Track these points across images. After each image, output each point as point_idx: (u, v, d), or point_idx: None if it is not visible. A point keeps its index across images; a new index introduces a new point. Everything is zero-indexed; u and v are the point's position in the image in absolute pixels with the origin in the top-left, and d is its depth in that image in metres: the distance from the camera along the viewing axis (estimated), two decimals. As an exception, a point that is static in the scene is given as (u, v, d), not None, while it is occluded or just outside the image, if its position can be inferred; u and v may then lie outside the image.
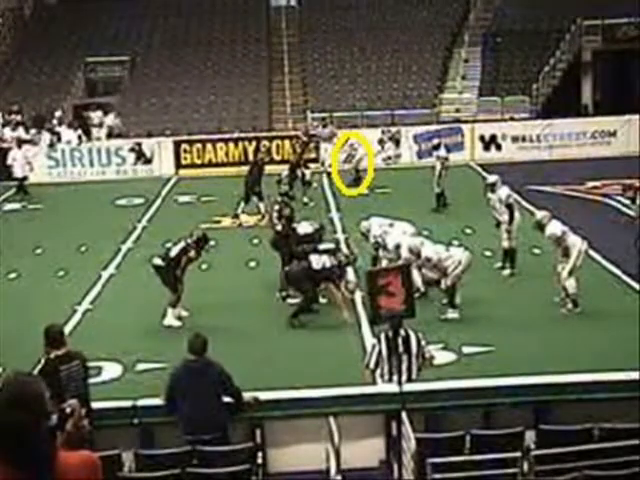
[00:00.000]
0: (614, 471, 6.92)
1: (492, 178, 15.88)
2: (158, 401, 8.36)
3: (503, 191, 15.32)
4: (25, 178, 23.96)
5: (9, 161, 23.92)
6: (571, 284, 13.00)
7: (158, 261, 13.30)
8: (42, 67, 32.11)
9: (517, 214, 15.22)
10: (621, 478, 6.86)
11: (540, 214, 13.79)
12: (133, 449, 7.88)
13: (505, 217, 15.04)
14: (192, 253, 13.24)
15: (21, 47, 33.42)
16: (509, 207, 15.05)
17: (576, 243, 13.09)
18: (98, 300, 14.62)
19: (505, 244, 15.11)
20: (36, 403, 3.38)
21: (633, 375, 8.68)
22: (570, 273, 12.98)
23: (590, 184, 22.04)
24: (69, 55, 32.46)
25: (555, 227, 13.27)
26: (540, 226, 13.43)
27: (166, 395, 8.25)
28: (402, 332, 9.03)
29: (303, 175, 21.76)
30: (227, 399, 8.25)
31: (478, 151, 26.47)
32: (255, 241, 17.57)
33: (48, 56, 32.48)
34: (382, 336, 9.14)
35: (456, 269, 12.91)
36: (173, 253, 13.23)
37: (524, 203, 18.89)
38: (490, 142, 26.54)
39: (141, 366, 11.63)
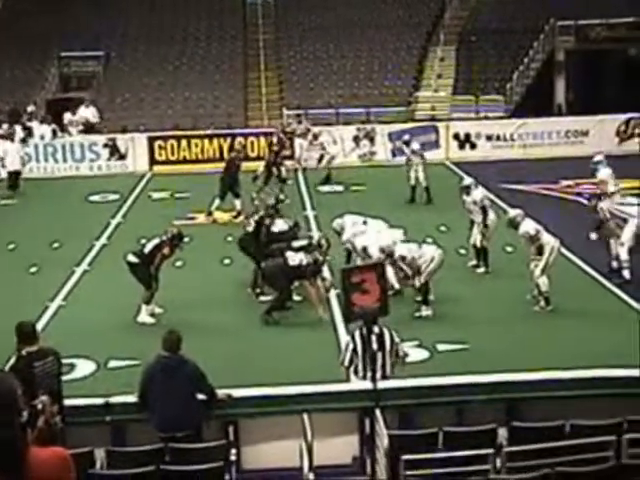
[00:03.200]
0: (585, 467, 6.99)
1: (467, 181, 15.95)
2: (131, 398, 8.33)
3: (478, 193, 15.38)
4: (17, 172, 23.43)
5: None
6: (544, 282, 13.10)
7: (132, 258, 13.24)
8: (16, 61, 31.80)
9: (493, 215, 15.25)
10: (592, 474, 6.92)
11: (513, 212, 13.87)
12: (105, 446, 7.85)
13: (480, 218, 15.09)
14: (166, 250, 13.18)
15: (-6, 41, 33.07)
16: (483, 209, 15.10)
17: (549, 241, 13.18)
18: (71, 296, 14.52)
19: (477, 243, 15.16)
20: (8, 400, 3.35)
21: (604, 372, 8.77)
22: (543, 271, 13.07)
23: (564, 183, 22.19)
24: (43, 49, 32.17)
25: (528, 225, 13.35)
26: (513, 224, 13.51)
27: (139, 391, 8.23)
28: (376, 329, 9.04)
29: (279, 172, 21.75)
30: (201, 396, 8.24)
31: (453, 149, 26.58)
32: (229, 238, 17.51)
33: (22, 50, 32.17)
34: (356, 333, 9.15)
35: (428, 267, 12.96)
36: (147, 250, 13.18)
37: (498, 201, 18.99)
38: (465, 141, 26.65)
39: (114, 363, 11.57)
